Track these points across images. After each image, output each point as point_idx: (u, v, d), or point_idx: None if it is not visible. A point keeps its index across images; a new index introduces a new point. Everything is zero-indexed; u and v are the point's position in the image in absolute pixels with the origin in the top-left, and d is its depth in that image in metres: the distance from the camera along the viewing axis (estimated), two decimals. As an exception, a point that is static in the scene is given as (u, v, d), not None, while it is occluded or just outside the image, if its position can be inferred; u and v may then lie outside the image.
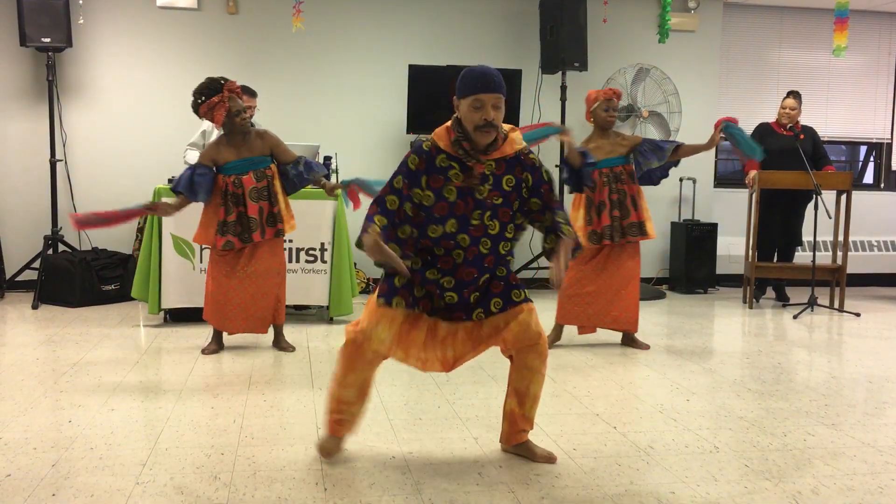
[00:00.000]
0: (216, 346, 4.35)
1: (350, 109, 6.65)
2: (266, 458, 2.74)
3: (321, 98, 6.61)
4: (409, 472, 2.64)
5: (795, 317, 5.77)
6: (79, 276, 5.66)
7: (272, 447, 2.86)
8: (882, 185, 7.88)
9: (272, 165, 4.20)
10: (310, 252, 5.14)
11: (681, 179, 7.07)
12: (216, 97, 3.99)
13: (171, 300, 4.97)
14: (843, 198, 6.13)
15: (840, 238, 6.24)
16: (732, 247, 7.23)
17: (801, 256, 6.89)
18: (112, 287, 5.85)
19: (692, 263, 6.88)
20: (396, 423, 3.14)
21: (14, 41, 5.95)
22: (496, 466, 2.71)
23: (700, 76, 7.22)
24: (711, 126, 7.26)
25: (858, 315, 5.88)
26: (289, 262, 5.00)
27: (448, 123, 2.56)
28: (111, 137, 6.33)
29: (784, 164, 6.12)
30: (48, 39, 5.76)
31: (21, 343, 4.49)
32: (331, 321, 5.24)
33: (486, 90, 2.43)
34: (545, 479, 2.59)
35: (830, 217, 6.04)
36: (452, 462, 2.74)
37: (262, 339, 4.66)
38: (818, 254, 7.05)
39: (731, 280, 7.28)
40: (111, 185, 6.33)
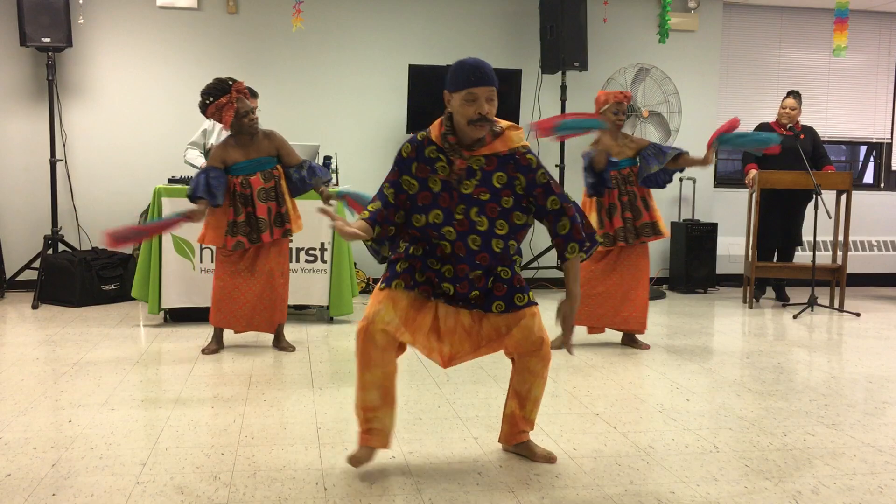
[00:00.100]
0: (216, 346, 4.35)
1: (350, 109, 6.65)
2: (266, 458, 2.74)
3: (321, 98, 6.60)
4: (409, 472, 2.64)
5: (795, 317, 5.78)
6: (79, 276, 5.66)
7: (272, 447, 2.86)
8: (882, 185, 7.88)
9: (278, 166, 4.22)
10: (310, 252, 5.14)
11: (681, 179, 7.07)
12: (224, 98, 3.99)
13: (171, 300, 4.97)
14: (843, 198, 6.13)
15: (840, 238, 6.24)
16: (732, 247, 7.23)
17: (801, 256, 6.89)
18: (112, 287, 5.85)
19: (692, 263, 6.88)
20: (397, 423, 3.13)
21: (14, 41, 5.95)
22: (496, 466, 2.71)
23: (700, 76, 7.22)
24: (712, 126, 7.32)
25: (858, 315, 5.88)
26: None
27: (442, 117, 2.56)
28: (111, 137, 6.33)
29: (784, 164, 6.12)
30: (48, 39, 5.76)
31: (21, 343, 4.49)
32: (331, 321, 5.24)
33: (480, 83, 2.40)
34: (545, 479, 2.59)
35: (830, 217, 6.04)
36: (452, 462, 2.74)
37: (262, 339, 4.66)
38: (818, 254, 7.05)
39: (731, 280, 7.28)
40: (111, 185, 6.34)
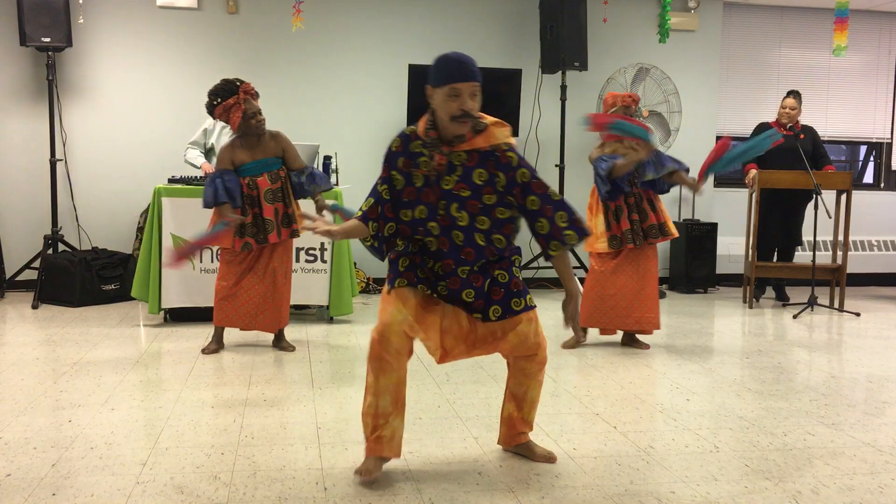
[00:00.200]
0: (216, 346, 4.35)
1: (350, 109, 6.65)
2: (266, 458, 2.74)
3: (321, 98, 6.61)
4: (410, 472, 2.64)
5: (795, 316, 5.78)
6: (79, 276, 5.66)
7: (272, 447, 2.86)
8: (882, 185, 7.88)
9: (283, 166, 4.23)
10: (310, 252, 5.14)
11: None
12: (232, 99, 3.99)
13: (171, 300, 4.97)
14: (843, 197, 6.13)
15: (840, 238, 6.24)
16: (732, 246, 7.23)
17: (801, 256, 6.90)
18: (112, 287, 5.85)
19: (692, 263, 6.88)
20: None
21: (14, 41, 5.95)
22: (496, 466, 2.71)
23: (700, 76, 7.22)
24: (712, 126, 7.32)
25: (858, 315, 5.88)
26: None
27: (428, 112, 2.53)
28: (111, 137, 6.33)
29: (784, 164, 6.12)
30: (48, 39, 5.76)
31: (21, 343, 4.49)
32: (331, 321, 5.24)
33: (463, 78, 2.36)
34: (545, 479, 2.59)
35: (830, 217, 6.04)
36: (452, 462, 2.74)
37: (263, 339, 4.67)
38: (818, 253, 7.05)
39: (731, 280, 7.28)
40: (111, 185, 6.34)
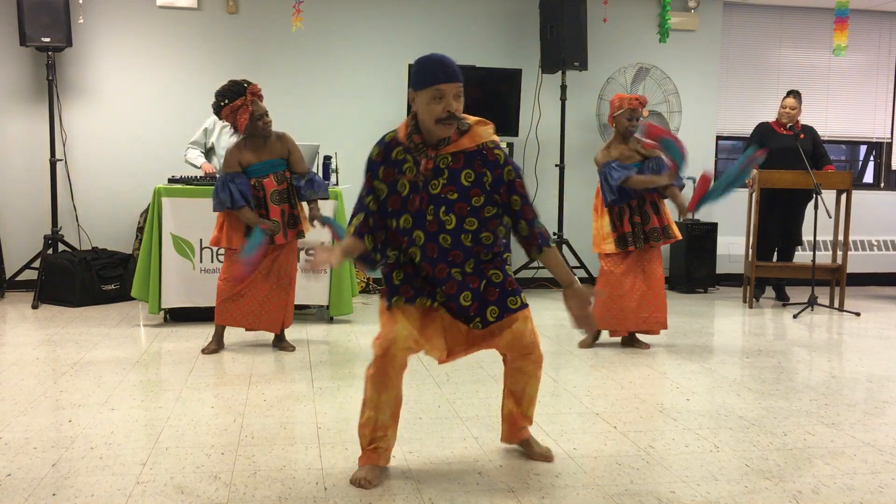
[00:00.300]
0: (216, 346, 4.35)
1: (350, 109, 6.65)
2: (266, 458, 2.74)
3: (321, 98, 6.60)
4: (410, 472, 2.64)
5: (795, 316, 5.77)
6: (79, 276, 5.66)
7: (272, 447, 2.86)
8: (882, 185, 7.88)
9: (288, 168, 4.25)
10: (310, 252, 5.14)
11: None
12: (239, 100, 3.99)
13: (171, 300, 4.97)
14: (843, 197, 6.13)
15: (840, 237, 6.24)
16: (732, 246, 7.23)
17: (801, 256, 6.89)
18: (112, 287, 5.85)
19: (692, 263, 6.87)
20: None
21: (14, 41, 5.95)
22: (496, 466, 2.71)
23: (700, 76, 7.22)
24: (712, 126, 7.32)
25: (858, 314, 5.88)
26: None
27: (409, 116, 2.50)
28: (111, 137, 6.33)
29: (784, 164, 6.12)
30: (48, 39, 5.76)
31: (21, 343, 4.49)
32: (331, 321, 5.24)
33: (447, 79, 2.31)
34: (545, 479, 2.59)
35: (830, 216, 6.04)
36: (453, 462, 2.74)
37: (263, 339, 4.67)
38: (818, 253, 7.04)
39: (731, 279, 7.28)
40: (111, 185, 6.34)
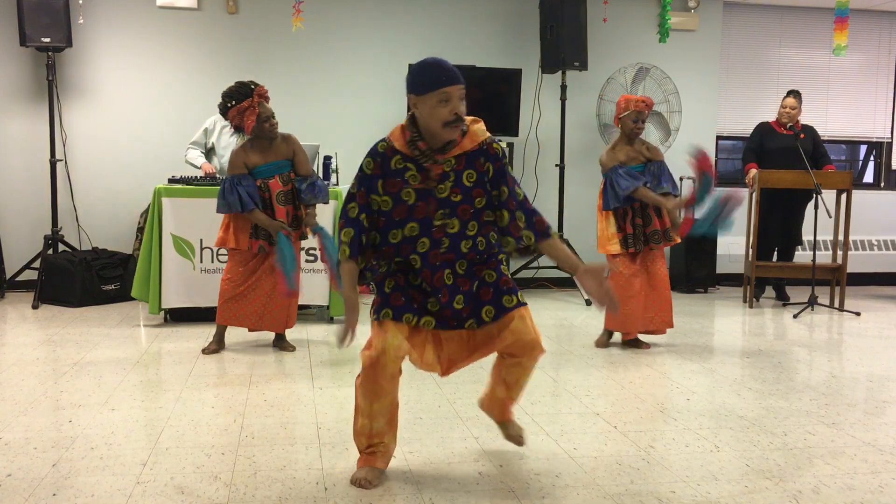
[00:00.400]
0: (217, 346, 4.35)
1: (350, 109, 6.64)
2: (266, 458, 2.74)
3: (321, 98, 6.60)
4: (410, 472, 2.64)
5: (795, 316, 5.77)
6: (79, 276, 5.66)
7: (272, 447, 2.86)
8: (882, 185, 7.88)
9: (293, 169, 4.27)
10: (310, 252, 5.14)
11: (681, 179, 7.05)
12: (246, 102, 4.00)
13: (172, 300, 4.97)
14: (844, 197, 6.13)
15: (840, 237, 6.24)
16: (732, 246, 7.22)
17: (802, 255, 6.89)
18: (112, 287, 5.85)
19: (692, 263, 6.87)
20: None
21: (14, 41, 5.95)
22: (497, 466, 2.71)
23: (700, 75, 7.22)
24: (712, 126, 7.32)
25: (859, 314, 5.88)
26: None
27: (403, 123, 2.45)
28: (111, 137, 6.33)
29: (784, 164, 6.12)
30: (48, 39, 5.76)
31: (21, 343, 4.49)
32: (331, 321, 5.24)
33: (451, 82, 2.29)
34: (545, 479, 2.59)
35: (830, 216, 6.04)
36: (453, 461, 2.74)
37: (263, 339, 4.66)
38: (818, 253, 7.04)
39: (732, 279, 7.27)
40: (111, 185, 6.34)
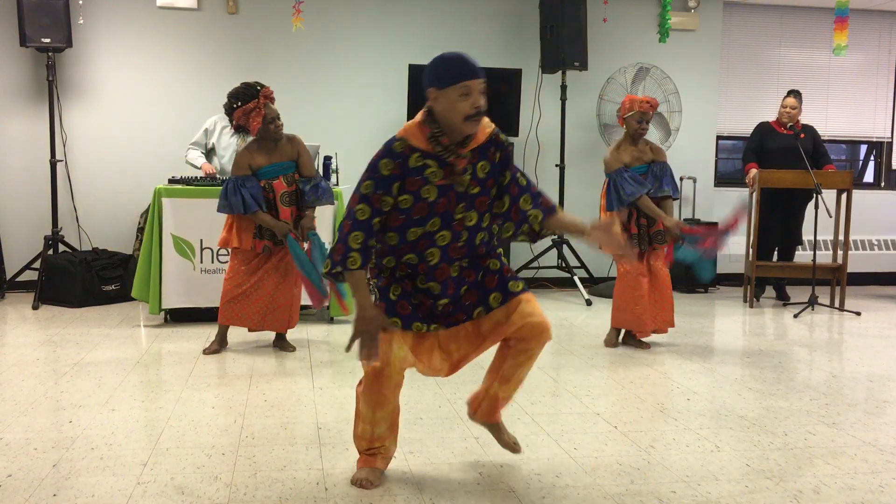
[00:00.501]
0: (218, 346, 4.35)
1: (350, 109, 6.65)
2: (267, 458, 2.74)
3: (321, 98, 6.60)
4: (410, 472, 2.64)
5: (796, 316, 5.77)
6: (79, 277, 5.66)
7: (273, 447, 2.86)
8: (882, 184, 7.88)
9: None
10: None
11: (681, 179, 7.05)
12: (252, 103, 4.01)
13: (172, 300, 4.97)
14: (844, 197, 6.13)
15: (840, 237, 6.24)
16: (733, 246, 7.20)
17: (802, 255, 6.89)
18: (112, 287, 5.85)
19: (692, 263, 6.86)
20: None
21: (14, 41, 5.95)
22: (497, 466, 2.71)
23: (700, 75, 7.22)
24: (712, 126, 7.32)
25: (859, 314, 5.88)
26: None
27: (418, 119, 2.39)
28: (111, 137, 6.33)
29: (784, 163, 6.12)
30: (48, 40, 5.76)
31: (22, 343, 4.49)
32: (331, 321, 5.24)
33: (473, 75, 2.29)
34: (546, 479, 2.59)
35: (831, 216, 6.04)
36: (453, 462, 2.74)
37: (263, 339, 4.66)
38: (818, 253, 7.04)
39: (732, 279, 7.27)
40: (111, 185, 6.33)
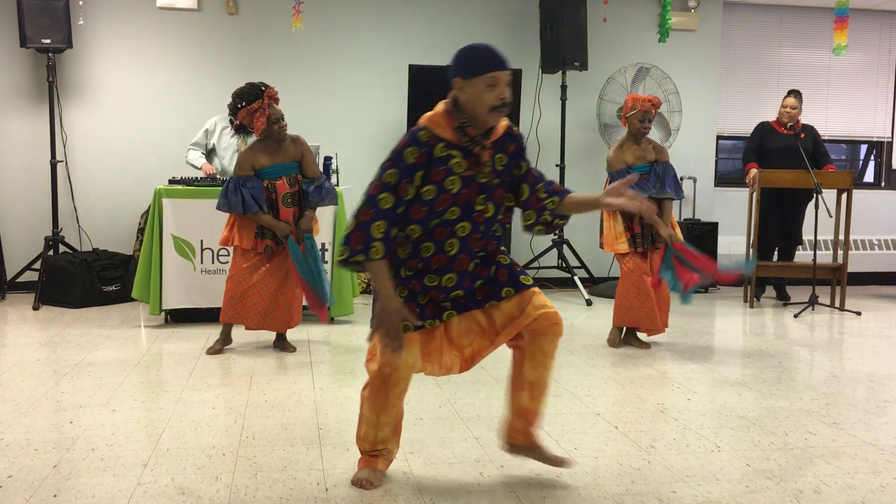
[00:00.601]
0: (221, 346, 4.36)
1: (350, 109, 6.65)
2: (267, 459, 2.74)
3: (321, 98, 6.60)
4: (411, 473, 2.64)
5: (796, 316, 5.77)
6: (79, 277, 5.66)
7: (273, 447, 2.86)
8: (882, 184, 7.88)
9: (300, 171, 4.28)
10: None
11: (681, 178, 7.06)
12: (256, 103, 4.02)
13: (172, 301, 4.97)
14: (844, 196, 6.13)
15: (841, 237, 6.24)
16: (733, 246, 7.23)
17: (802, 255, 6.89)
18: (113, 288, 5.85)
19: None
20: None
21: (14, 42, 5.95)
22: (497, 466, 2.71)
23: (700, 75, 7.22)
24: (712, 126, 7.32)
25: (859, 314, 5.88)
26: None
27: (441, 109, 2.38)
28: (111, 138, 6.33)
29: (784, 163, 6.12)
30: (48, 40, 5.76)
31: (22, 344, 4.49)
32: (332, 321, 5.24)
33: (501, 67, 2.28)
34: (546, 479, 2.59)
35: (831, 216, 6.04)
36: (454, 462, 2.74)
37: (264, 340, 4.66)
38: (819, 252, 7.04)
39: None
40: (111, 186, 6.34)
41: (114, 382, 3.71)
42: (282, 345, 4.44)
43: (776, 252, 6.54)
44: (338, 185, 5.44)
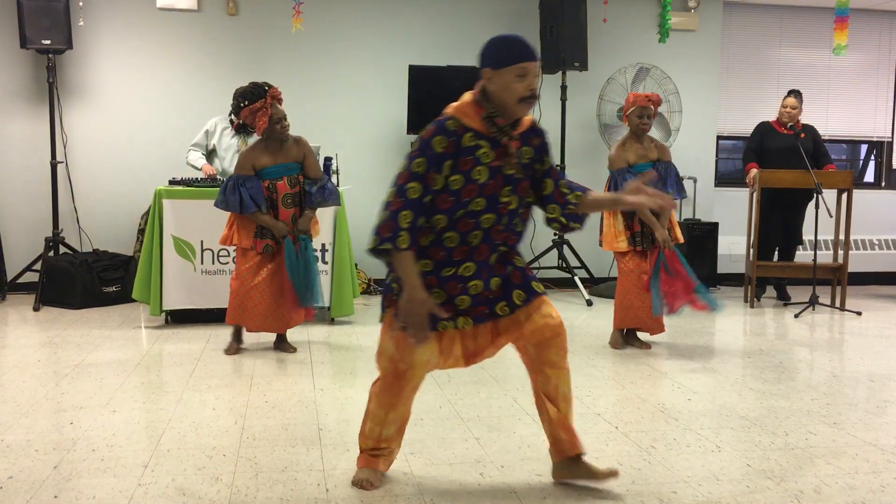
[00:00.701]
0: (237, 345, 4.39)
1: (350, 110, 6.65)
2: (268, 459, 2.74)
3: (321, 99, 6.60)
4: (411, 473, 2.64)
5: (797, 316, 5.77)
6: (80, 278, 5.66)
7: (274, 448, 2.86)
8: (883, 184, 7.88)
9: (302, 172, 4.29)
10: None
11: (682, 179, 7.06)
12: (259, 103, 4.03)
13: (173, 301, 4.97)
14: (844, 196, 6.13)
15: (841, 237, 6.24)
16: (733, 246, 7.23)
17: (802, 255, 6.89)
18: (113, 289, 5.85)
19: (693, 262, 6.77)
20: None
21: (14, 43, 5.95)
22: (498, 467, 2.71)
23: (700, 75, 7.22)
24: (712, 126, 7.32)
25: (860, 314, 5.88)
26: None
27: (469, 99, 2.35)
28: (112, 139, 6.33)
29: (785, 163, 6.12)
30: (48, 41, 5.76)
31: (22, 345, 4.49)
32: (332, 322, 5.24)
33: (531, 58, 2.27)
34: (547, 479, 2.59)
35: (831, 216, 6.04)
36: (454, 462, 2.74)
37: (264, 341, 4.67)
38: (819, 252, 7.04)
39: (732, 279, 7.27)
40: (112, 187, 6.34)
41: (114, 383, 3.71)
42: (282, 346, 4.44)
43: (776, 252, 6.55)
44: (338, 186, 5.44)
